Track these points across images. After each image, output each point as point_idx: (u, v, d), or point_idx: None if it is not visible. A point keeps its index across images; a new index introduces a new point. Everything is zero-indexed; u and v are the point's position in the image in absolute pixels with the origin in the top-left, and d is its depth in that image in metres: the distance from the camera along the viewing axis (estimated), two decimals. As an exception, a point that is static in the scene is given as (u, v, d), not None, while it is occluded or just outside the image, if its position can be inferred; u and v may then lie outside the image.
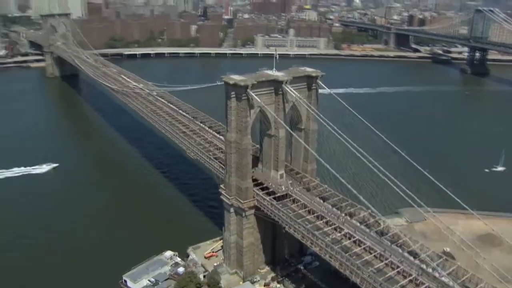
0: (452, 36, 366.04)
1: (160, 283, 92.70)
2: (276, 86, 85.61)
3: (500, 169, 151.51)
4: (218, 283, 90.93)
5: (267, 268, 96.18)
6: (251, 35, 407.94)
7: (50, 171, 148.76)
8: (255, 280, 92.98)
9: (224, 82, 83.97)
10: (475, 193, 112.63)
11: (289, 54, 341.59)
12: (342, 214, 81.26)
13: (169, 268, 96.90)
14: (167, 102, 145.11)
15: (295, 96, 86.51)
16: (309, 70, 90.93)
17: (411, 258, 70.35)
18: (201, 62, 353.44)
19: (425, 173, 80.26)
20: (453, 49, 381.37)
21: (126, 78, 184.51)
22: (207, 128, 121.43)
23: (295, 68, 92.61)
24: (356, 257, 70.82)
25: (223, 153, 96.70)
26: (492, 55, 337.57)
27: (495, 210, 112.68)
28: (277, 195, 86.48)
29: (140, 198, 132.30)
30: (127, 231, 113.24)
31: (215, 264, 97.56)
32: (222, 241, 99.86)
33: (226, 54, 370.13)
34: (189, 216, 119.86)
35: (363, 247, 73.57)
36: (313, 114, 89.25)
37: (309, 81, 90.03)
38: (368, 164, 77.14)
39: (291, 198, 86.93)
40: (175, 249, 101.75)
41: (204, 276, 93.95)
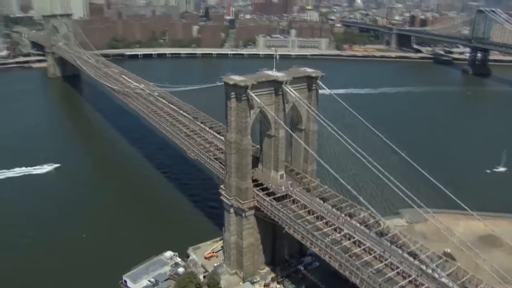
0: (453, 37, 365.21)
1: (160, 283, 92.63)
2: (276, 86, 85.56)
3: (501, 169, 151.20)
4: (218, 284, 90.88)
5: (267, 269, 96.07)
6: (253, 35, 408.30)
7: (51, 172, 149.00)
8: (255, 280, 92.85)
9: (224, 83, 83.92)
10: (476, 194, 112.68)
11: (290, 54, 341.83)
12: (342, 215, 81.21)
13: (169, 268, 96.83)
14: (167, 103, 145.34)
15: (295, 97, 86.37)
16: (309, 71, 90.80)
17: (411, 258, 70.12)
18: (203, 62, 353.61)
19: (425, 173, 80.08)
20: (454, 50, 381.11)
21: (127, 78, 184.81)
22: (208, 129, 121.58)
23: (295, 69, 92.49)
24: (356, 257, 70.69)
25: (223, 153, 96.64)
26: (494, 55, 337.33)
27: (496, 211, 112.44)
28: (277, 195, 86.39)
29: (140, 198, 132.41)
30: (127, 231, 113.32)
31: (215, 264, 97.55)
32: (222, 241, 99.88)
33: (227, 54, 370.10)
34: (189, 216, 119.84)
35: (363, 247, 73.43)
36: (313, 114, 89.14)
37: (309, 81, 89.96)
38: (368, 165, 76.97)
39: (291, 199, 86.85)
40: (175, 250, 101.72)
41: (204, 277, 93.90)
